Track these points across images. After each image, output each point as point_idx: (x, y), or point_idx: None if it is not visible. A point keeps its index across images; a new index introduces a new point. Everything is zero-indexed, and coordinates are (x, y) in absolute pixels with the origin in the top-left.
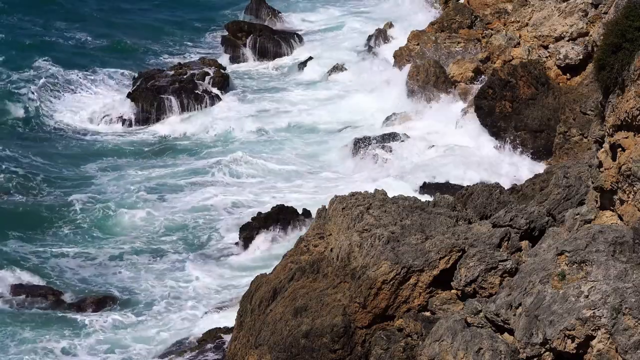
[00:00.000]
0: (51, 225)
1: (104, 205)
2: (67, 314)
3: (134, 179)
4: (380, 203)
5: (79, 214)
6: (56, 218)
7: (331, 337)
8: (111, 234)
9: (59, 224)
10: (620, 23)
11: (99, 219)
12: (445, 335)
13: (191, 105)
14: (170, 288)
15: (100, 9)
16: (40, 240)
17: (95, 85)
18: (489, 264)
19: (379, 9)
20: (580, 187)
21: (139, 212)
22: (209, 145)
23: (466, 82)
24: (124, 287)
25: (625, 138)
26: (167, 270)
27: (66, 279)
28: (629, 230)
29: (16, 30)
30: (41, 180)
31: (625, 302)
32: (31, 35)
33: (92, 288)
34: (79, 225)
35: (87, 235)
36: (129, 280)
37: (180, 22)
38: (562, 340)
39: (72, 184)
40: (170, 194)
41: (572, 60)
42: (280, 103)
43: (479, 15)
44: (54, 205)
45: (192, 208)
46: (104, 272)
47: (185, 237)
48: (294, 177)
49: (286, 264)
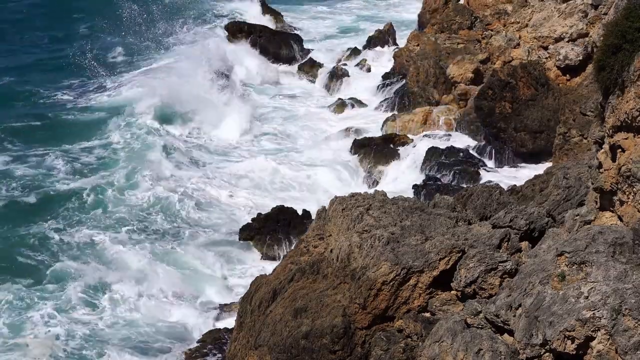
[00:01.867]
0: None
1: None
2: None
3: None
4: (380, 204)
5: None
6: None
7: (331, 338)
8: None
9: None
10: (620, 24)
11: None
12: (445, 336)
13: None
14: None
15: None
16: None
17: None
18: (488, 265)
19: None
20: (580, 188)
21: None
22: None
23: (466, 82)
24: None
25: (625, 139)
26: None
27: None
28: (629, 231)
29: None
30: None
31: (625, 303)
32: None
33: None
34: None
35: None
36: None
37: (180, 21)
38: (562, 341)
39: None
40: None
41: (572, 61)
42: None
43: (479, 16)
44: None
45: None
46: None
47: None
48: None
49: (286, 264)
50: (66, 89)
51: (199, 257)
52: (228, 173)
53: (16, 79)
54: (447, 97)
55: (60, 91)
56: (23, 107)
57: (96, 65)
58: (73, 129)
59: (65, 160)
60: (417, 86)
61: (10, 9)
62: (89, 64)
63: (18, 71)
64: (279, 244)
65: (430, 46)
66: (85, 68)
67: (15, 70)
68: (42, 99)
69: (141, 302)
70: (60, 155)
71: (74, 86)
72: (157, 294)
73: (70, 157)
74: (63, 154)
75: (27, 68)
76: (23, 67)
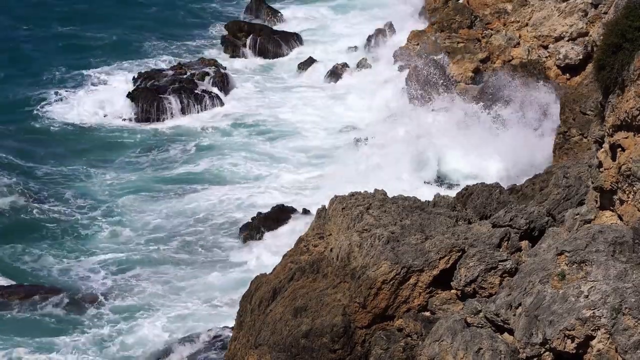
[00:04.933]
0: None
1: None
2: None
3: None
4: (380, 203)
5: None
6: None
7: (331, 337)
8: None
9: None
10: (620, 23)
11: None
12: (445, 335)
13: (191, 105)
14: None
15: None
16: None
17: (93, 84)
18: (488, 264)
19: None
20: (580, 187)
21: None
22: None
23: (466, 82)
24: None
25: (625, 138)
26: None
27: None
28: (629, 230)
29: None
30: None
31: (625, 302)
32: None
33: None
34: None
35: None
36: (127, 279)
37: (180, 21)
38: (562, 340)
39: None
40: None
41: (572, 60)
42: (280, 103)
43: (479, 15)
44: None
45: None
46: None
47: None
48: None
49: (286, 263)
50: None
51: (199, 256)
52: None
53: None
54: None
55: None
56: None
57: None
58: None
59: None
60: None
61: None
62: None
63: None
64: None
65: (430, 45)
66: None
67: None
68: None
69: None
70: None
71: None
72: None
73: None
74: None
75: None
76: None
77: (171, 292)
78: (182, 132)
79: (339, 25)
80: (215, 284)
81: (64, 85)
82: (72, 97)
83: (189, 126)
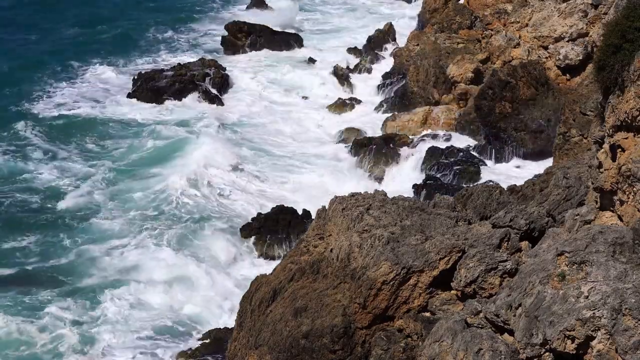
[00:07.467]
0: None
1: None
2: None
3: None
4: (380, 204)
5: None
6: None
7: (331, 338)
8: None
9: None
10: (620, 23)
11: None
12: (445, 336)
13: (191, 104)
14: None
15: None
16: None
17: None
18: (488, 265)
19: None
20: (580, 187)
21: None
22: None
23: (466, 82)
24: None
25: (625, 139)
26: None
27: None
28: (629, 231)
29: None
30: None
31: (625, 302)
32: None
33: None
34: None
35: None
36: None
37: (180, 21)
38: (562, 341)
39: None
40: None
41: (572, 61)
42: (279, 104)
43: (479, 16)
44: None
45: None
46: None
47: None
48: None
49: (286, 264)
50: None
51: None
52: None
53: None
54: (447, 97)
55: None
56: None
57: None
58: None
59: None
60: (417, 86)
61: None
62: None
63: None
64: (279, 244)
65: (430, 46)
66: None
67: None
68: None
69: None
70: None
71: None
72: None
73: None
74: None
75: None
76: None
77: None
78: (178, 130)
79: (339, 26)
80: (215, 283)
81: (62, 82)
82: (71, 95)
83: (188, 126)
